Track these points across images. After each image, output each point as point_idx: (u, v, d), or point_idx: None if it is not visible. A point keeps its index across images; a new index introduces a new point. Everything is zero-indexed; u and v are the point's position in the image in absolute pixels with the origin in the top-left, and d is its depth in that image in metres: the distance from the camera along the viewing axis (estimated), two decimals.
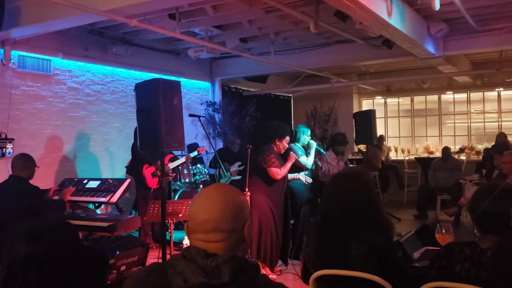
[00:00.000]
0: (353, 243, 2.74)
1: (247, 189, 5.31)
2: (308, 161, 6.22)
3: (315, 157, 6.75)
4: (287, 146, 5.72)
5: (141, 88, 4.70)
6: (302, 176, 6.17)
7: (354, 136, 9.20)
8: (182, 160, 6.97)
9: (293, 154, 5.67)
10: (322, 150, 7.11)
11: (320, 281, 2.84)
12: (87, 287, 3.75)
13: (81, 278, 1.94)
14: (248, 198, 5.27)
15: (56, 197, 5.21)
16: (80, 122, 7.90)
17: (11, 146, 6.58)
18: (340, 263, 2.74)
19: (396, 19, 6.00)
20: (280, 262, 5.93)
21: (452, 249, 2.53)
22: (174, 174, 7.28)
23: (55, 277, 1.78)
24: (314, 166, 6.76)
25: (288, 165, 5.59)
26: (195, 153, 7.27)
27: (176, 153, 7.40)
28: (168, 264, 1.53)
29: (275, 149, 5.61)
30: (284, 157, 5.71)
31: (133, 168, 7.08)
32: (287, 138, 5.67)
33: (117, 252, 4.25)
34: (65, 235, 1.89)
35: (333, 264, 2.77)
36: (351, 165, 9.34)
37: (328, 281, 2.81)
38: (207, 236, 1.56)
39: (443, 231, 3.20)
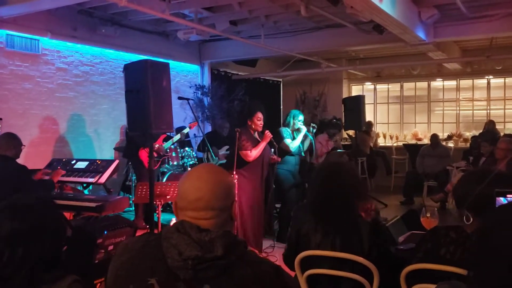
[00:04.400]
0: (346, 227, 2.80)
1: (234, 172, 5.30)
2: (292, 144, 6.20)
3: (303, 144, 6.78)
4: (261, 123, 5.56)
5: (130, 69, 4.67)
6: None
7: (343, 121, 9.23)
8: (177, 137, 6.99)
9: (269, 133, 5.55)
10: (310, 136, 7.11)
11: (305, 264, 2.86)
12: (75, 264, 3.76)
13: (65, 254, 1.95)
14: (236, 180, 5.27)
15: (46, 177, 5.21)
16: (68, 103, 7.85)
17: None
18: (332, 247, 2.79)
19: (387, 4, 6.00)
20: (266, 245, 5.97)
21: (438, 232, 2.56)
22: (171, 153, 7.31)
23: (40, 252, 1.79)
24: (302, 152, 6.74)
25: (262, 145, 5.49)
26: (187, 129, 7.27)
27: None
28: (162, 237, 1.56)
29: (251, 129, 5.57)
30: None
31: (129, 152, 7.09)
32: (258, 114, 5.52)
33: (105, 232, 4.25)
34: (46, 212, 1.90)
35: (325, 248, 2.81)
36: (339, 150, 9.36)
37: (313, 264, 2.84)
38: (198, 214, 1.60)
39: (428, 215, 3.23)
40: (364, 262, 2.69)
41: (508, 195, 1.75)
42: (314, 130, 7.01)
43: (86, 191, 6.30)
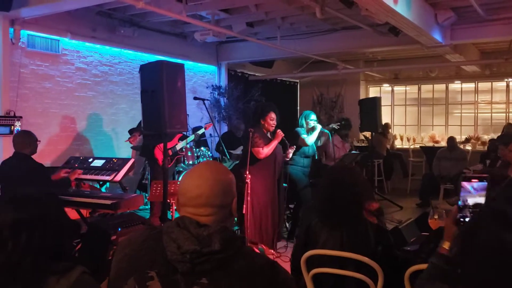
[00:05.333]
0: (351, 228, 2.85)
1: (247, 172, 5.35)
2: (308, 138, 6.28)
3: (319, 140, 6.85)
4: (274, 123, 5.67)
5: (146, 70, 4.78)
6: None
7: (359, 123, 9.21)
8: (191, 137, 7.10)
9: (280, 131, 5.65)
10: (325, 130, 7.17)
11: (310, 263, 2.91)
12: (89, 259, 3.86)
13: (67, 247, 2.03)
14: (248, 181, 5.33)
15: (64, 175, 5.34)
16: (87, 102, 8.00)
17: (19, 124, 6.68)
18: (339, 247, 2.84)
19: (402, 6, 6.01)
20: (280, 245, 6.02)
21: (442, 233, 2.59)
22: (186, 152, 7.42)
23: (43, 241, 1.87)
24: (316, 154, 6.82)
25: (274, 143, 5.58)
26: (202, 130, 7.37)
27: None
28: (163, 231, 1.63)
29: (263, 129, 5.66)
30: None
31: (145, 151, 7.20)
32: (271, 114, 5.64)
33: (119, 229, 4.36)
34: (47, 204, 1.98)
35: (332, 247, 2.86)
36: (353, 152, 9.37)
37: (318, 263, 2.88)
38: (198, 210, 1.66)
39: (436, 217, 3.26)
40: (369, 262, 2.72)
41: (473, 180, 1.80)
42: (332, 133, 7.08)
43: (103, 189, 6.42)
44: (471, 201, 1.79)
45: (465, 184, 1.80)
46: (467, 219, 1.77)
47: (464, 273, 1.46)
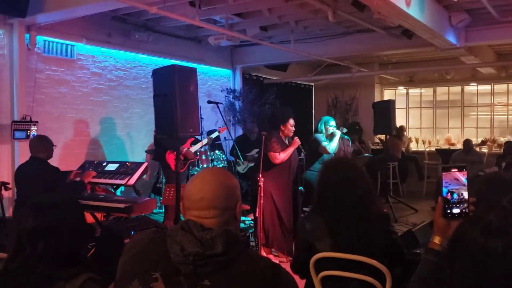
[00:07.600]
0: (356, 231, 2.83)
1: (260, 175, 5.37)
2: (329, 145, 6.27)
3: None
4: (293, 128, 5.75)
5: (158, 74, 4.83)
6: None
7: (373, 126, 9.18)
8: (204, 141, 7.15)
9: (297, 139, 5.70)
10: (346, 136, 7.18)
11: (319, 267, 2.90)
12: (103, 262, 3.90)
13: (82, 252, 2.08)
14: (261, 184, 5.35)
15: (77, 179, 5.40)
16: (102, 106, 8.08)
17: (35, 128, 6.76)
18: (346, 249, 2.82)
19: (415, 9, 5.99)
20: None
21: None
22: (197, 157, 7.48)
23: (59, 248, 1.91)
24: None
25: (290, 150, 5.62)
26: (216, 133, 7.41)
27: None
28: (167, 234, 1.67)
29: (282, 134, 5.69)
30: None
31: (158, 155, 7.26)
32: (291, 120, 5.71)
33: (132, 232, 4.39)
34: (68, 211, 2.03)
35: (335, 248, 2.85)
36: (366, 155, 9.34)
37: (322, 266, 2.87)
38: (202, 213, 1.70)
39: None
40: (376, 264, 2.72)
41: (452, 170, 1.80)
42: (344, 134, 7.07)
43: (118, 192, 6.48)
44: (455, 190, 1.80)
45: (446, 174, 1.81)
46: (454, 210, 1.77)
47: (452, 277, 1.50)
